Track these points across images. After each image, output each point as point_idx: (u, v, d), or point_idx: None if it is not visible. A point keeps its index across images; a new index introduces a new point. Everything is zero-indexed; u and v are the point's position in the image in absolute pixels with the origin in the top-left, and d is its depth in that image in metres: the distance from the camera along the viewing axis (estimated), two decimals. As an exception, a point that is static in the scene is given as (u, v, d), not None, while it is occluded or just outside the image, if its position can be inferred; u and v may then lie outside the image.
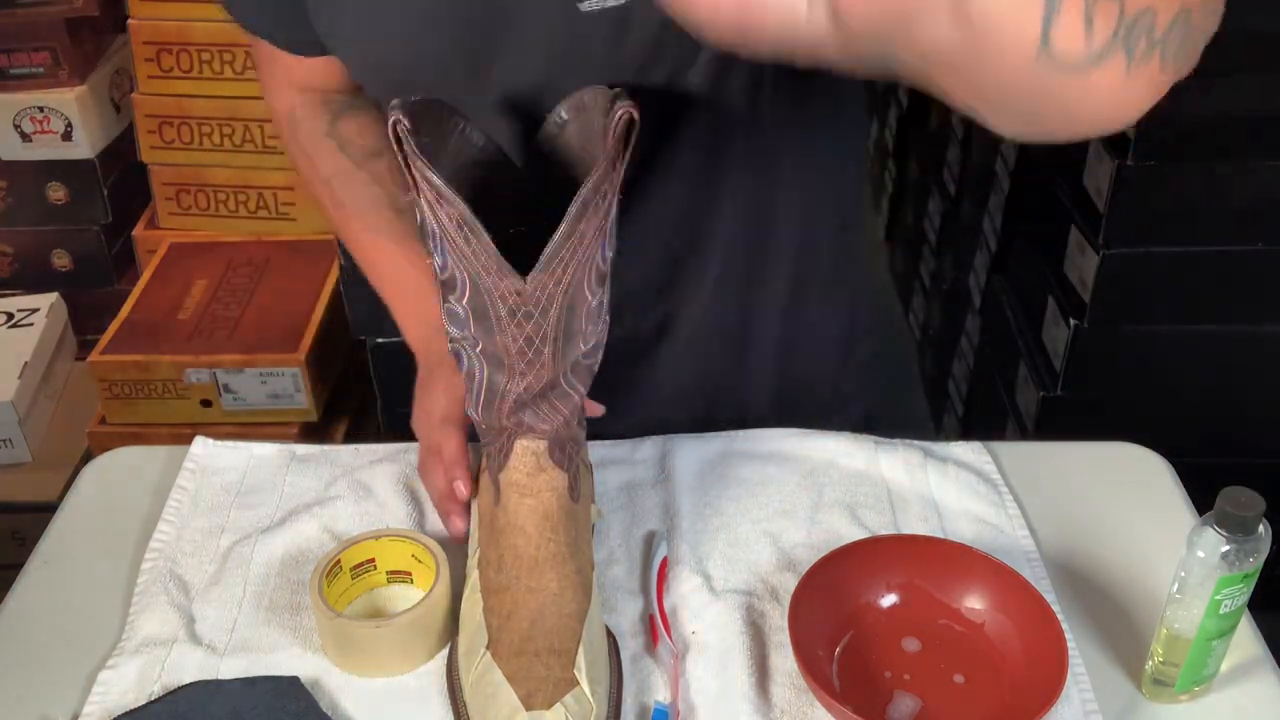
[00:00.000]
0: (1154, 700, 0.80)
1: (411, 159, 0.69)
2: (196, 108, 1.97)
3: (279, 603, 0.86)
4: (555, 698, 0.72)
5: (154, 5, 1.92)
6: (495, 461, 0.80)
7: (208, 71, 1.95)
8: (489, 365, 0.76)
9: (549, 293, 0.71)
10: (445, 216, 0.70)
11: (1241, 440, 1.75)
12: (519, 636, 0.75)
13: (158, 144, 2.01)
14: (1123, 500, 0.95)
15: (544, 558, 0.77)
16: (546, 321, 0.73)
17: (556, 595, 0.76)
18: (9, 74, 2.00)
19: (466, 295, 0.73)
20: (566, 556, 0.78)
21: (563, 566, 0.78)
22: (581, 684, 0.73)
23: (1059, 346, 1.70)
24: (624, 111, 0.70)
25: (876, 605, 0.83)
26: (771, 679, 0.79)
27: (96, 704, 0.78)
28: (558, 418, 0.79)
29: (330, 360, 1.90)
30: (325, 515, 0.92)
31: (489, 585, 0.78)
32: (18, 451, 1.90)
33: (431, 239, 0.73)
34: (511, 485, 0.79)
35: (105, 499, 0.97)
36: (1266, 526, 0.73)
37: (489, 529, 0.81)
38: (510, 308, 0.72)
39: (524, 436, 0.79)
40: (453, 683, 0.78)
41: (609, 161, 0.70)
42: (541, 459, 0.79)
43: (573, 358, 0.76)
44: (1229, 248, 1.59)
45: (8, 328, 2.02)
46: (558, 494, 0.79)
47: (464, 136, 0.78)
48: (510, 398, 0.77)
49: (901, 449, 0.98)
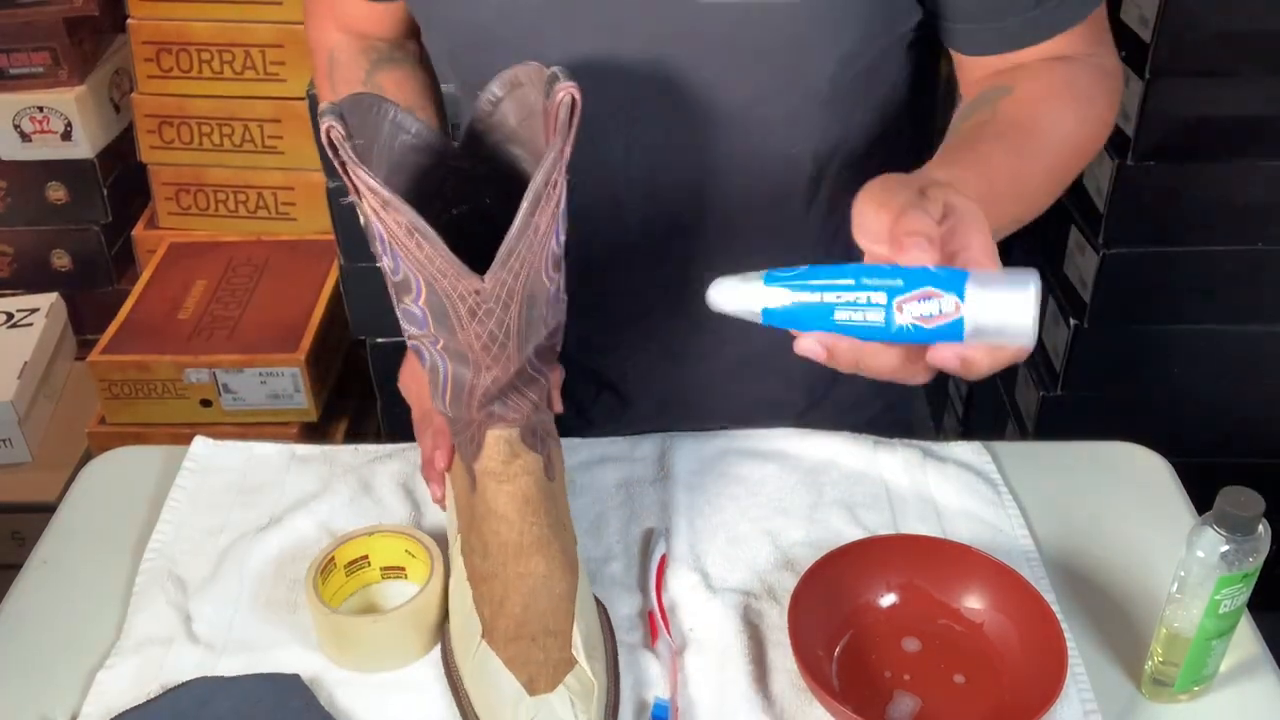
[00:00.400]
0: (1154, 700, 0.80)
1: (351, 167, 0.67)
2: (196, 108, 1.97)
3: (276, 600, 0.86)
4: (557, 680, 0.72)
5: (154, 5, 1.92)
6: (468, 451, 0.79)
7: (208, 71, 1.95)
8: (452, 361, 0.75)
9: (509, 288, 0.70)
10: (393, 223, 0.68)
11: (1241, 440, 1.75)
12: (513, 622, 0.75)
13: (158, 144, 2.01)
14: (1123, 500, 0.95)
15: (529, 542, 0.77)
16: (509, 316, 0.71)
17: (546, 577, 0.76)
18: (9, 74, 2.00)
19: (423, 297, 0.71)
20: (550, 538, 0.78)
21: (548, 548, 0.77)
22: (580, 662, 0.73)
23: (1059, 346, 1.70)
24: (565, 93, 0.68)
25: (876, 605, 0.83)
26: (771, 677, 0.79)
27: (95, 703, 0.78)
28: (526, 404, 0.78)
29: (330, 360, 1.90)
30: (322, 513, 0.92)
31: (475, 573, 0.78)
32: (17, 451, 1.90)
33: (380, 242, 0.71)
34: (487, 474, 0.78)
35: (105, 499, 0.97)
36: (1266, 526, 0.73)
37: (468, 516, 0.80)
38: (470, 307, 0.70)
39: (495, 426, 0.78)
40: (451, 673, 0.79)
41: (556, 151, 0.68)
42: (515, 445, 0.78)
43: (535, 344, 0.75)
44: (1229, 248, 1.59)
45: (8, 328, 2.02)
46: (535, 477, 0.78)
47: (396, 124, 0.76)
48: (478, 391, 0.75)
49: (901, 449, 0.97)
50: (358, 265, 1.77)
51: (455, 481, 0.84)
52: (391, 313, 0.76)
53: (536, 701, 0.71)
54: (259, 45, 1.91)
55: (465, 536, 0.80)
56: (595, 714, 0.72)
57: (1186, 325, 1.66)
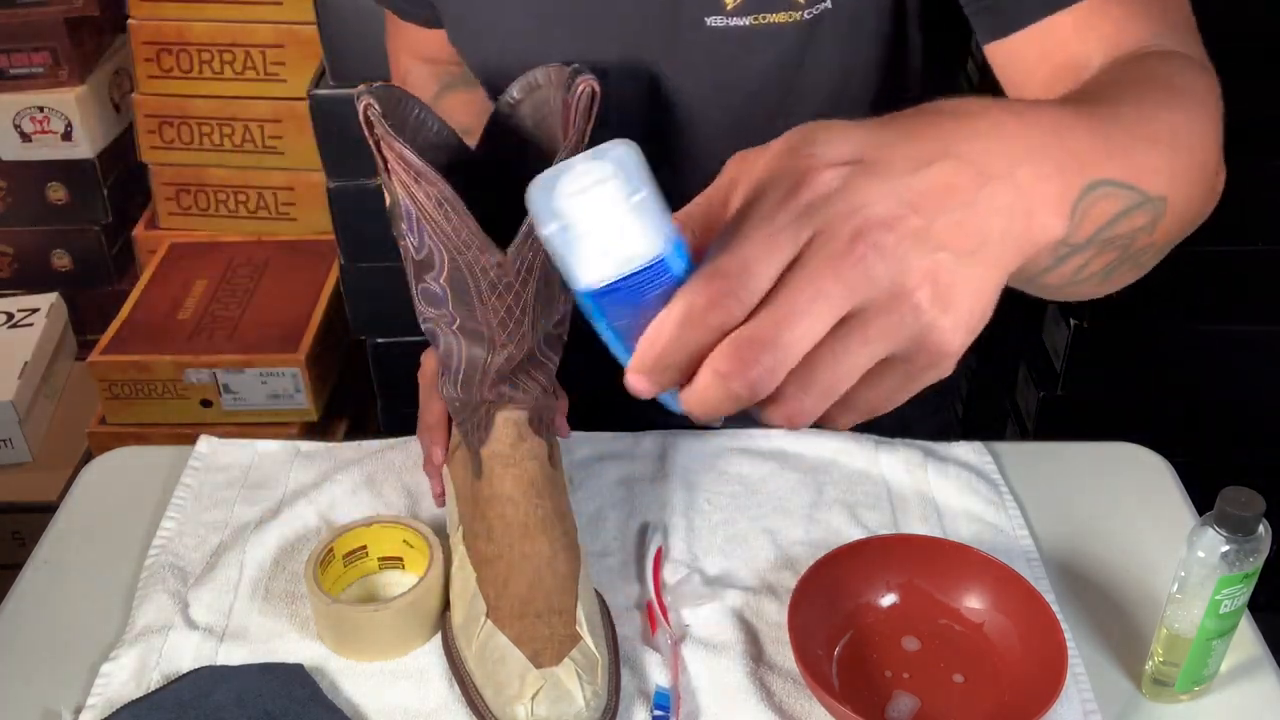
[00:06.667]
0: (1154, 700, 0.80)
1: (386, 140, 0.70)
2: (196, 108, 1.97)
3: (275, 591, 0.86)
4: (562, 654, 0.73)
5: (154, 5, 1.92)
6: (474, 436, 0.82)
7: (208, 71, 1.95)
8: (467, 341, 0.77)
9: (528, 263, 0.73)
10: (424, 195, 0.71)
11: (1242, 440, 1.75)
12: (519, 600, 0.76)
13: (158, 144, 2.01)
14: (1123, 500, 0.95)
15: (534, 523, 0.79)
16: (526, 292, 0.74)
17: (550, 558, 0.78)
18: (9, 74, 2.00)
19: (445, 273, 0.74)
20: (554, 520, 0.80)
21: (552, 530, 0.79)
22: (585, 638, 0.75)
23: (1059, 346, 1.70)
24: (586, 85, 0.71)
25: (876, 604, 0.83)
26: (770, 675, 0.79)
27: (99, 695, 0.79)
28: (535, 388, 0.80)
29: (330, 360, 1.90)
30: (322, 504, 0.93)
31: (480, 557, 0.79)
32: (18, 451, 1.90)
33: (406, 220, 0.74)
34: (495, 457, 0.80)
35: (105, 499, 0.97)
36: (1266, 526, 0.73)
37: (471, 503, 0.82)
38: (491, 281, 0.73)
39: (503, 409, 0.80)
40: (453, 658, 0.79)
41: (579, 133, 0.71)
42: (522, 429, 0.80)
43: (547, 327, 0.78)
44: (1229, 248, 1.59)
45: (8, 328, 2.02)
46: (540, 462, 0.81)
47: (420, 122, 0.79)
48: (491, 371, 0.78)
49: (902, 448, 0.98)
50: (358, 265, 1.77)
51: (455, 473, 0.86)
52: (392, 313, 0.77)
53: (543, 673, 0.72)
54: (259, 45, 1.91)
55: (468, 524, 0.81)
56: (601, 687, 0.74)
57: (1186, 325, 1.66)
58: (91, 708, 0.78)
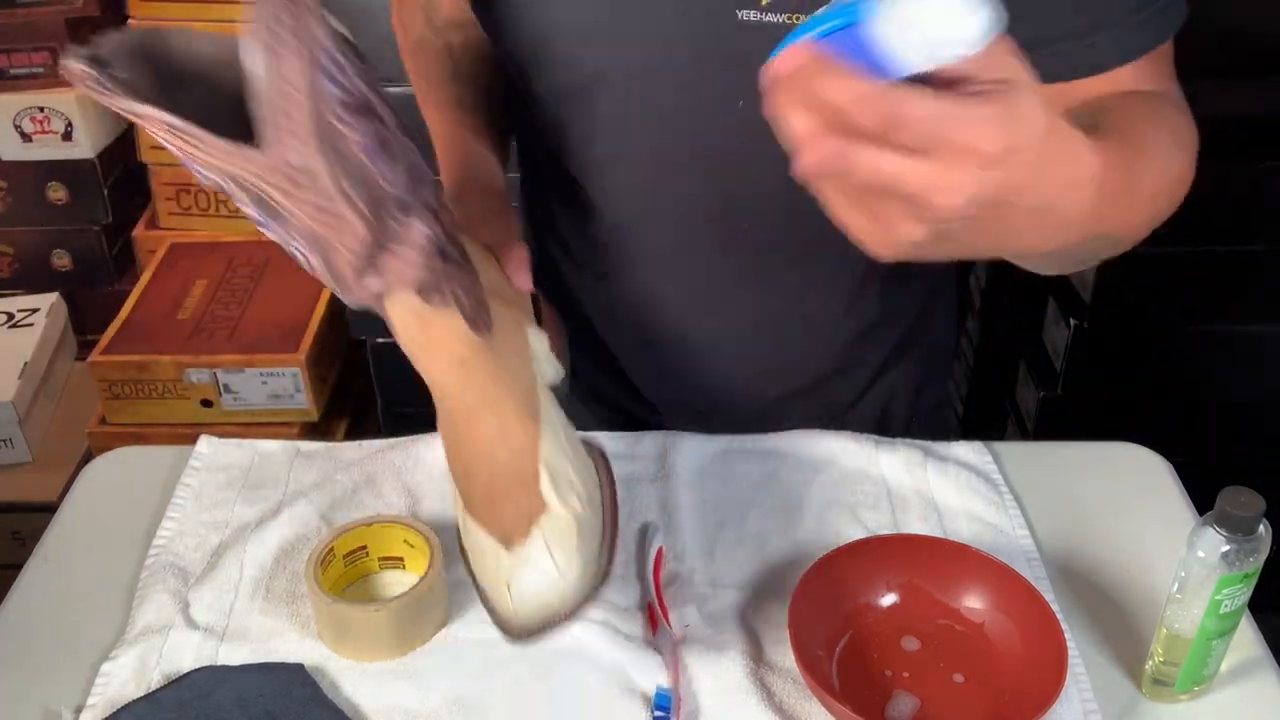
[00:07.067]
0: (1154, 700, 0.80)
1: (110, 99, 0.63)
2: (197, 108, 1.97)
3: (276, 590, 0.86)
4: (529, 528, 0.70)
5: (154, 5, 1.92)
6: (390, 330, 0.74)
7: (208, 71, 1.95)
8: (308, 247, 0.68)
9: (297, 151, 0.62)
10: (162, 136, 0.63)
11: (1242, 440, 1.75)
12: (481, 485, 0.73)
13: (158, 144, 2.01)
14: (1123, 500, 0.95)
15: (472, 403, 0.73)
16: (320, 180, 0.63)
17: (500, 435, 0.72)
18: (9, 74, 2.00)
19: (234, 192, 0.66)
20: (496, 394, 0.73)
21: (497, 405, 0.73)
22: (552, 505, 0.70)
23: (1059, 346, 1.70)
24: None
25: (876, 604, 0.83)
26: (770, 675, 0.79)
27: (99, 695, 0.79)
28: (406, 260, 0.69)
29: (330, 360, 1.90)
30: (323, 504, 0.92)
31: (448, 455, 0.75)
32: (18, 451, 1.90)
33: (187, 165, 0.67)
34: (412, 347, 0.73)
35: (105, 499, 0.97)
36: (1266, 526, 0.73)
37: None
38: (273, 184, 0.63)
39: (390, 297, 0.70)
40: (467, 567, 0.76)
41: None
42: (420, 310, 0.70)
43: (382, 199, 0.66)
44: (1229, 248, 1.59)
45: (8, 328, 2.02)
46: (457, 335, 0.71)
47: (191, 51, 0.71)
48: (348, 268, 0.68)
49: (902, 448, 0.98)
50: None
51: None
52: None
53: (513, 554, 0.70)
54: (259, 45, 1.91)
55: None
56: (576, 549, 0.70)
57: (1186, 325, 1.66)
58: (91, 707, 0.78)
